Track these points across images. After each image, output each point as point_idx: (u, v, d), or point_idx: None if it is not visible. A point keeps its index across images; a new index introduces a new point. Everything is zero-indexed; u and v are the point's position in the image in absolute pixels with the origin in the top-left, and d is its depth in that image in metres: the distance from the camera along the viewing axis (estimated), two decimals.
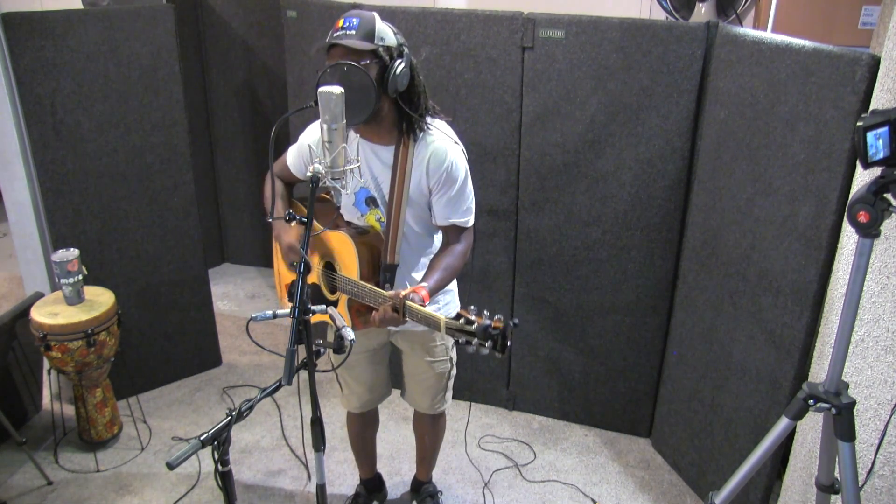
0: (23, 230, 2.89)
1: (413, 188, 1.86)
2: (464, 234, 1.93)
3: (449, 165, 1.83)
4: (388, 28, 1.76)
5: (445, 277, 1.86)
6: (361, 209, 1.96)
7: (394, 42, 1.75)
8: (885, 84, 1.67)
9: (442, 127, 1.88)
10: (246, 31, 3.87)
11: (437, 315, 1.61)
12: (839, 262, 1.89)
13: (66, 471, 2.71)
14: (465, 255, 1.93)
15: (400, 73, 1.72)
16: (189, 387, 3.25)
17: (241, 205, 4.25)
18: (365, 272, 1.86)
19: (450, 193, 1.86)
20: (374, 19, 1.73)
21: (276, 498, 2.62)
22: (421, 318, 1.65)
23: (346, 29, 1.71)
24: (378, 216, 1.94)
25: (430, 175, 1.84)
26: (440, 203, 1.88)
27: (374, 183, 1.90)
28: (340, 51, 1.71)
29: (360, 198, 1.95)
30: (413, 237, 1.95)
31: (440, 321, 1.58)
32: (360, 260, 1.85)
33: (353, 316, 1.91)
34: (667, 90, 2.42)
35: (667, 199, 2.57)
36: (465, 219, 1.91)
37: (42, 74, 2.60)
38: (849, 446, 1.53)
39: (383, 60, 1.71)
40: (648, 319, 2.76)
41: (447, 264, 1.88)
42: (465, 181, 1.88)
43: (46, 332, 2.50)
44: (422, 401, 2.26)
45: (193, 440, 1.45)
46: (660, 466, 2.82)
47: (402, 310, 1.68)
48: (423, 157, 1.83)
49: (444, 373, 2.18)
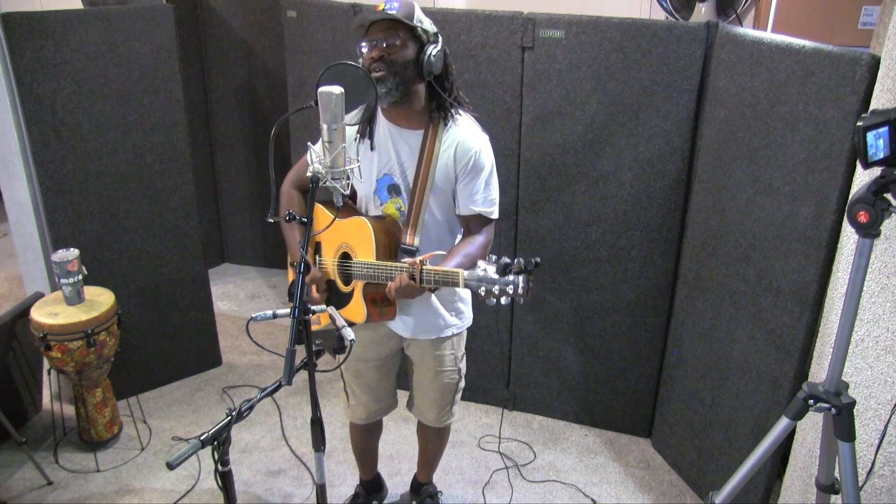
0: (23, 230, 2.89)
1: (439, 173, 1.86)
2: (486, 227, 1.93)
3: (477, 153, 1.85)
4: (425, 17, 1.81)
5: (464, 263, 1.84)
6: (382, 197, 1.95)
7: (431, 28, 1.81)
8: (885, 84, 1.67)
9: (470, 120, 1.92)
10: (246, 31, 3.87)
11: (453, 270, 1.61)
12: (839, 262, 1.89)
13: (66, 471, 2.71)
14: (485, 248, 1.92)
15: (435, 56, 1.77)
16: (189, 387, 3.25)
17: (241, 205, 4.25)
18: (382, 255, 1.85)
19: (475, 181, 1.87)
20: (414, 5, 1.79)
21: (276, 498, 2.61)
22: (439, 278, 1.65)
23: (388, 8, 1.74)
24: (398, 205, 1.93)
25: (457, 160, 1.85)
26: (465, 191, 1.88)
27: (399, 168, 1.90)
28: (382, 25, 1.75)
29: (382, 185, 1.93)
30: (433, 225, 1.94)
31: (458, 274, 1.58)
32: (376, 242, 1.83)
33: (369, 305, 1.90)
34: (667, 90, 2.42)
35: (667, 199, 2.57)
36: (489, 209, 1.91)
37: (42, 74, 2.60)
38: (849, 446, 1.53)
39: (421, 41, 1.77)
40: (648, 319, 2.76)
41: (467, 252, 1.87)
42: (491, 171, 1.89)
43: (46, 332, 2.50)
44: (428, 412, 2.24)
45: (193, 440, 1.45)
46: (660, 466, 2.82)
47: (419, 277, 1.68)
48: (451, 142, 1.85)
49: (451, 384, 2.17)
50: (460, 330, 2.10)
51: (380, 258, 1.84)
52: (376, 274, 1.81)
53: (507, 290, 1.48)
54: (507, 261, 1.47)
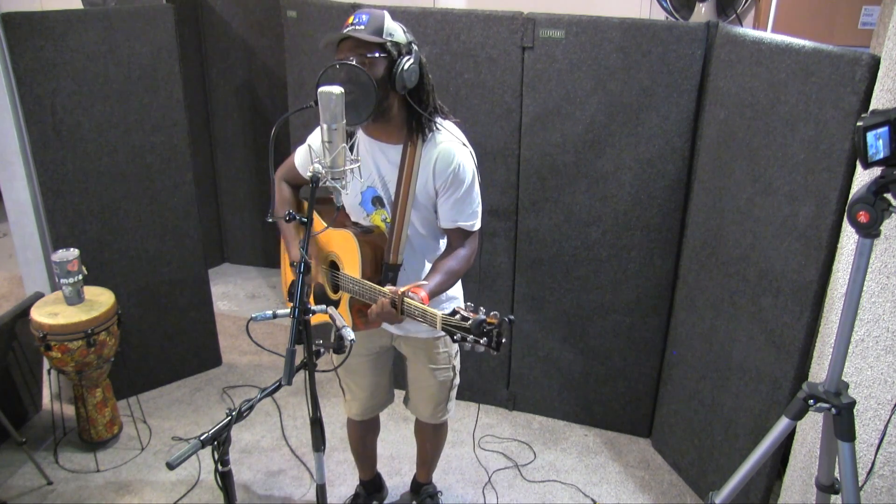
0: (23, 230, 2.89)
1: (419, 189, 1.85)
2: (469, 238, 1.92)
3: (457, 167, 1.82)
4: (397, 26, 1.76)
5: (446, 281, 1.85)
6: (367, 209, 1.95)
7: (403, 39, 1.75)
8: (885, 84, 1.67)
9: (451, 128, 1.88)
10: (246, 31, 3.87)
11: (433, 310, 1.61)
12: (839, 262, 1.89)
13: (66, 471, 2.71)
14: (468, 260, 1.91)
15: (408, 70, 1.73)
16: (189, 387, 3.25)
17: (241, 205, 4.26)
18: (367, 271, 1.86)
19: (456, 195, 1.85)
20: (384, 16, 1.75)
21: (276, 498, 2.62)
22: (418, 314, 1.65)
23: (355, 24, 1.72)
24: (384, 216, 1.93)
25: (436, 176, 1.83)
26: (446, 205, 1.87)
27: (381, 182, 1.90)
28: (350, 44, 1.71)
29: (367, 197, 1.94)
30: (417, 239, 1.94)
31: (436, 316, 1.58)
32: (362, 258, 1.85)
33: (355, 315, 1.91)
34: (667, 90, 2.42)
35: (667, 199, 2.57)
36: (470, 222, 1.90)
37: (42, 74, 2.60)
38: (849, 446, 1.53)
39: (391, 55, 1.72)
40: (648, 319, 2.76)
41: (449, 267, 1.86)
42: (472, 184, 1.86)
43: (46, 332, 2.50)
44: (424, 409, 2.25)
45: (193, 440, 1.45)
46: (660, 466, 2.82)
47: (399, 306, 1.68)
48: (430, 157, 1.82)
49: (446, 381, 2.17)
50: None
51: (365, 273, 1.85)
52: (361, 292, 1.82)
53: (480, 342, 1.51)
54: (483, 317, 1.50)
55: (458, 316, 1.54)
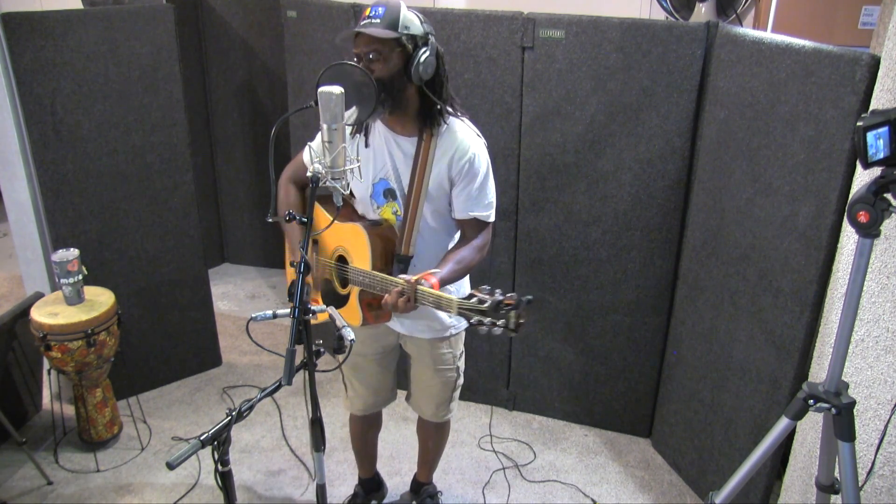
0: (23, 230, 2.89)
1: (433, 181, 1.85)
2: (483, 230, 1.92)
3: (472, 158, 1.83)
4: (414, 17, 1.76)
5: (459, 270, 1.84)
6: (378, 201, 1.94)
7: (420, 31, 1.75)
8: (885, 84, 1.67)
9: (465, 121, 1.89)
10: (246, 31, 3.87)
11: (448, 296, 1.61)
12: (839, 262, 1.89)
13: (66, 471, 2.71)
14: (481, 251, 1.91)
15: (424, 62, 1.74)
16: (189, 387, 3.25)
17: (241, 205, 4.25)
18: (378, 264, 1.85)
19: (471, 186, 1.86)
20: (399, 8, 1.74)
21: (276, 498, 2.62)
22: (433, 300, 1.65)
23: (371, 18, 1.72)
24: (395, 209, 1.93)
25: (451, 167, 1.84)
26: (461, 196, 1.87)
27: (394, 174, 1.90)
28: (365, 38, 1.72)
29: (379, 190, 1.93)
30: (428, 232, 1.93)
31: (452, 301, 1.58)
32: (372, 251, 1.84)
33: (365, 309, 1.90)
34: (667, 90, 2.42)
35: (667, 199, 2.57)
36: (485, 213, 1.90)
37: (42, 74, 2.60)
38: (849, 446, 1.53)
39: (407, 49, 1.73)
40: (648, 319, 2.76)
41: (462, 257, 1.86)
42: (486, 175, 1.88)
43: (46, 332, 2.50)
44: (426, 408, 2.25)
45: (193, 440, 1.45)
46: (660, 466, 2.82)
47: (413, 295, 1.68)
48: (445, 148, 1.83)
49: (449, 381, 2.17)
50: (458, 330, 2.10)
51: (376, 266, 1.84)
52: (372, 284, 1.82)
53: (498, 324, 1.50)
54: (500, 297, 1.49)
55: (475, 299, 1.53)
